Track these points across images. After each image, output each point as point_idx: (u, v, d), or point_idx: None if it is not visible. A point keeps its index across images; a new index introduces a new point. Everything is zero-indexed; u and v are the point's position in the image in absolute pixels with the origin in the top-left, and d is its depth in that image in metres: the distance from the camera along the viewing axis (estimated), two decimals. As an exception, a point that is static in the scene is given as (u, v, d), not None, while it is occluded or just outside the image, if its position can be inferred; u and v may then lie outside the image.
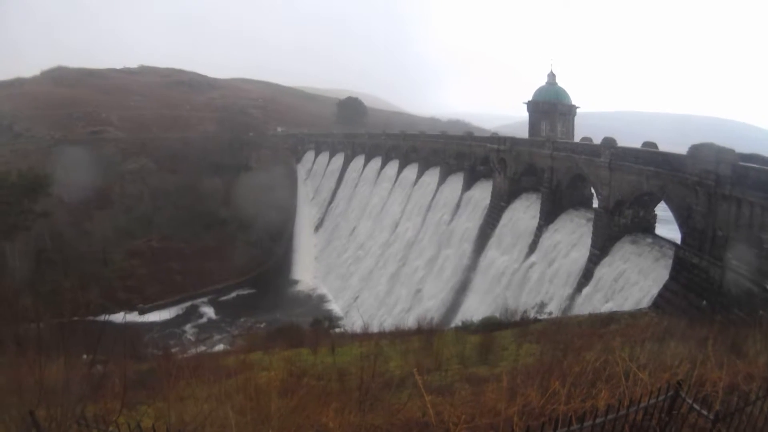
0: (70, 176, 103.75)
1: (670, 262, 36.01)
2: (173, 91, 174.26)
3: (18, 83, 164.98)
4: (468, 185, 77.84)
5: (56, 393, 8.83)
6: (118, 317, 78.67)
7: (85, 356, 12.62)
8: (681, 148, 35.26)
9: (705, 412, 7.55)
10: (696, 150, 33.00)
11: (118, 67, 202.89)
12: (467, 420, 8.89)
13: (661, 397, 7.64)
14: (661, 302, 33.86)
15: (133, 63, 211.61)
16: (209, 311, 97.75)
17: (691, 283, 32.52)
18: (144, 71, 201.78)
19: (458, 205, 77.87)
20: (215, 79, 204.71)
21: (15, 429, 8.06)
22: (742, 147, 33.88)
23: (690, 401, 7.67)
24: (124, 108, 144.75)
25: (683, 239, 34.76)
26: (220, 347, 51.16)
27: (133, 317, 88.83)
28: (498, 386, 11.02)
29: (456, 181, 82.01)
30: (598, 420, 7.08)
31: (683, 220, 34.58)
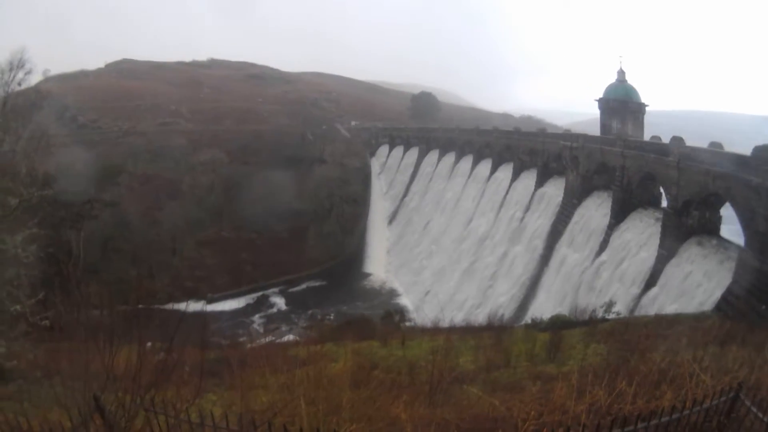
0: (139, 167, 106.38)
1: (733, 264, 36.12)
2: (245, 84, 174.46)
3: (82, 75, 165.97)
4: (540, 182, 77.81)
5: (124, 380, 9.34)
6: (186, 306, 79.56)
7: (149, 344, 12.69)
8: (749, 150, 35.13)
9: (761, 416, 7.95)
10: (760, 152, 33.17)
11: (188, 60, 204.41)
12: (536, 417, 9.25)
13: (722, 399, 8.09)
14: (723, 305, 33.87)
15: (200, 57, 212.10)
16: (279, 302, 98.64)
17: (753, 287, 32.43)
18: (214, 64, 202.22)
19: (530, 202, 77.97)
20: (287, 73, 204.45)
21: (79, 413, 8.39)
22: None
23: (749, 404, 8.09)
24: (195, 100, 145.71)
25: (746, 242, 34.94)
26: (289, 338, 51.46)
27: (201, 306, 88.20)
28: (566, 384, 11.18)
29: (529, 178, 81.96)
30: (663, 419, 7.58)
31: (747, 222, 34.76)
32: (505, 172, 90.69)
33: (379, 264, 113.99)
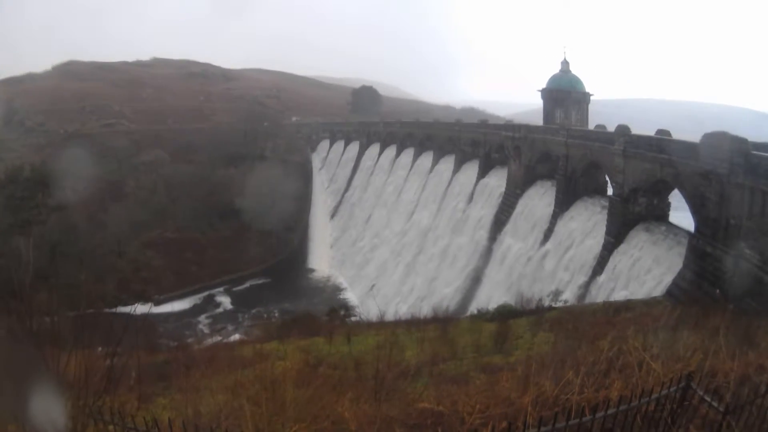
0: (84, 170, 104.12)
1: (683, 250, 35.89)
2: (187, 82, 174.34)
3: (29, 79, 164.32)
4: (483, 173, 77.76)
5: (73, 388, 8.96)
6: (134, 309, 79.07)
7: (100, 349, 12.71)
8: (696, 137, 34.94)
9: (716, 404, 7.57)
10: (709, 139, 32.82)
11: (130, 60, 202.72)
12: (481, 410, 8.92)
13: (672, 388, 7.69)
14: (674, 291, 33.74)
15: (145, 56, 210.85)
16: (225, 301, 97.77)
17: (705, 272, 32.36)
18: (157, 63, 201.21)
19: (473, 193, 77.89)
20: (229, 70, 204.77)
21: (29, 424, 8.10)
22: (759, 137, 34.18)
23: (701, 393, 7.70)
24: (138, 100, 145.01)
25: (697, 228, 34.70)
26: (235, 337, 50.72)
27: (149, 308, 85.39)
28: (512, 375, 10.96)
29: (471, 169, 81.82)
30: (610, 411, 7.17)
31: (696, 208, 34.46)
32: (447, 164, 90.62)
33: (323, 259, 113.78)
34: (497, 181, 72.83)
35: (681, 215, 42.43)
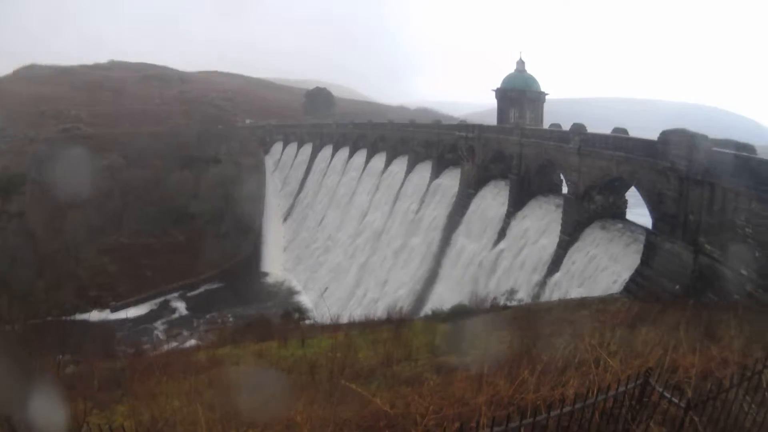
0: (44, 175, 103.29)
1: (641, 247, 35.53)
2: (144, 85, 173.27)
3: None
4: (436, 173, 77.23)
5: (32, 396, 9.26)
6: (91, 315, 78.80)
7: (60, 356, 13.61)
8: (655, 134, 34.61)
9: (676, 400, 7.40)
10: (668, 135, 32.51)
11: (90, 63, 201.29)
12: (435, 411, 8.74)
13: (630, 385, 7.56)
14: (632, 287, 33.44)
15: (105, 59, 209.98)
16: (180, 306, 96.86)
17: (664, 268, 32.08)
18: (115, 66, 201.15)
19: (426, 194, 77.22)
20: (185, 73, 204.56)
21: None
22: (717, 133, 33.54)
23: (660, 389, 7.58)
24: (95, 104, 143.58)
25: (654, 224, 34.38)
26: (191, 343, 50.56)
27: (106, 315, 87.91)
28: (467, 375, 10.99)
29: (424, 170, 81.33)
30: (566, 409, 7.03)
31: (654, 205, 34.16)
32: (400, 165, 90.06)
33: (277, 262, 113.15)
34: (450, 182, 72.28)
35: (638, 212, 42.03)
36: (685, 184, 30.51)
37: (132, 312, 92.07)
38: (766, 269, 24.27)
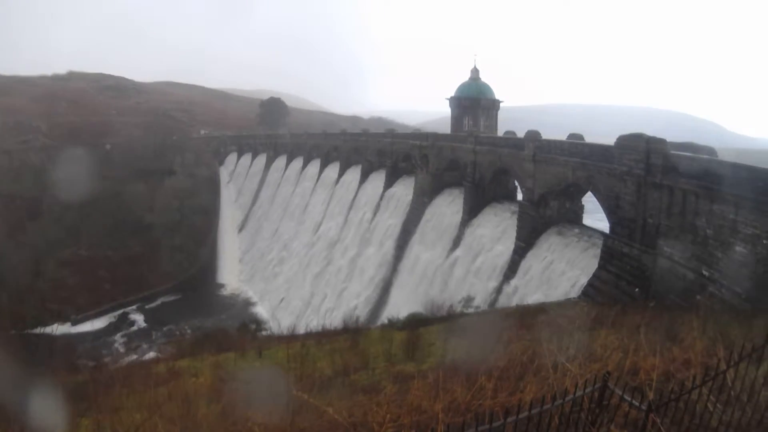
0: (3, 187, 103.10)
1: (598, 251, 35.44)
2: (101, 96, 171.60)
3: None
4: (390, 182, 76.96)
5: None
6: (53, 329, 78.61)
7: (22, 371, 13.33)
8: (611, 139, 34.75)
9: (636, 403, 7.37)
10: (624, 140, 32.58)
11: (49, 73, 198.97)
12: (393, 419, 8.87)
13: (588, 389, 7.56)
14: (591, 291, 33.34)
15: (62, 69, 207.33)
16: (139, 319, 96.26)
17: (622, 272, 32.10)
18: (73, 77, 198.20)
19: (380, 203, 76.97)
20: (141, 83, 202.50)
21: None
22: (681, 137, 34.37)
23: (620, 392, 7.53)
24: (53, 115, 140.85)
25: (612, 228, 34.29)
26: (150, 355, 50.48)
27: (67, 328, 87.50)
28: (424, 383, 10.85)
29: (378, 179, 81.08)
30: (522, 414, 6.94)
31: (611, 209, 34.07)
32: (354, 174, 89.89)
33: (233, 273, 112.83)
34: (404, 190, 72.09)
35: (597, 217, 41.96)
36: (642, 188, 30.51)
37: (92, 325, 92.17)
38: (728, 270, 24.20)
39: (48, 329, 75.27)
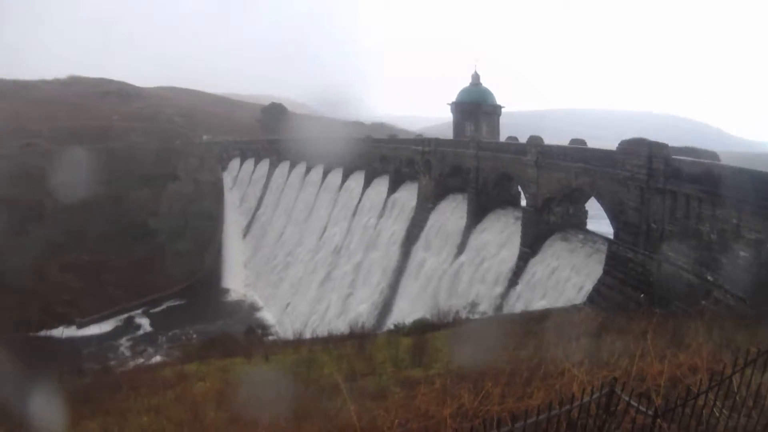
0: (5, 191, 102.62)
1: (603, 257, 35.45)
2: (102, 101, 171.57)
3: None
4: (393, 188, 77.09)
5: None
6: (58, 332, 78.14)
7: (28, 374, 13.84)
8: (614, 144, 34.62)
9: (644, 408, 7.39)
10: (627, 145, 32.50)
11: (50, 78, 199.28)
12: (401, 424, 8.95)
13: (596, 395, 7.49)
14: (596, 297, 33.33)
15: (63, 74, 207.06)
16: (145, 323, 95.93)
17: (627, 277, 32.00)
18: (74, 82, 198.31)
19: (384, 208, 77.06)
20: (142, 89, 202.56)
21: None
22: (681, 142, 33.78)
23: (627, 398, 7.48)
24: (55, 120, 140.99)
25: (616, 234, 34.32)
26: (156, 359, 50.46)
27: (73, 331, 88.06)
28: (431, 389, 11.02)
29: (381, 185, 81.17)
30: (530, 420, 6.87)
31: (615, 215, 34.15)
32: (357, 180, 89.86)
33: (238, 279, 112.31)
34: (408, 196, 72.09)
35: (602, 223, 42.03)
36: (645, 193, 30.49)
37: (98, 329, 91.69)
38: (733, 275, 24.14)
39: (54, 332, 75.29)
